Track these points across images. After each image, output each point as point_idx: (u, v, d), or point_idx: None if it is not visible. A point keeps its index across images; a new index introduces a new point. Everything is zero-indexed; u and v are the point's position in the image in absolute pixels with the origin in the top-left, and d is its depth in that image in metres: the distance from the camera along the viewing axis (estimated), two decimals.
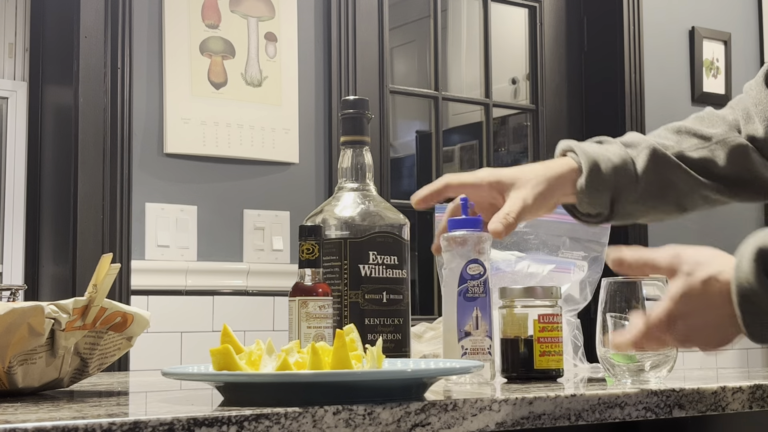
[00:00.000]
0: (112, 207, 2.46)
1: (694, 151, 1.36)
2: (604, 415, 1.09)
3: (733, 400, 1.19)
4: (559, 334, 1.32)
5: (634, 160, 1.33)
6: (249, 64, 2.68)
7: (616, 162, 1.32)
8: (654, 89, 3.38)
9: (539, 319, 1.31)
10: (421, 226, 3.55)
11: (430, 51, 3.23)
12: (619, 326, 1.23)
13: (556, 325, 1.32)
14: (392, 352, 1.31)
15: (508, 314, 1.33)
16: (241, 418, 0.86)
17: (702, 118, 1.42)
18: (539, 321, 1.31)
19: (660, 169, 1.34)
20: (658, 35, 3.41)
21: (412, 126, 4.23)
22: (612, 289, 1.23)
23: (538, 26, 3.37)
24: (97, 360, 1.19)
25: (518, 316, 1.32)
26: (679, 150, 1.36)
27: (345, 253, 1.33)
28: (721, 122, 1.40)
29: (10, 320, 1.05)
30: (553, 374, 1.32)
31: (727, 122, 1.40)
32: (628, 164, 1.33)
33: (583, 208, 1.34)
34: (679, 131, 1.39)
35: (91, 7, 2.49)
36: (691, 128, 1.39)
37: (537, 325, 1.31)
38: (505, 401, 1.02)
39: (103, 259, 1.12)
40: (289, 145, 2.73)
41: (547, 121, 3.34)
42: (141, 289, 2.49)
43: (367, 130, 1.41)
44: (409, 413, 0.95)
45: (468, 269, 1.27)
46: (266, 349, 1.02)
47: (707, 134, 1.38)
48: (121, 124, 2.49)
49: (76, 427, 0.79)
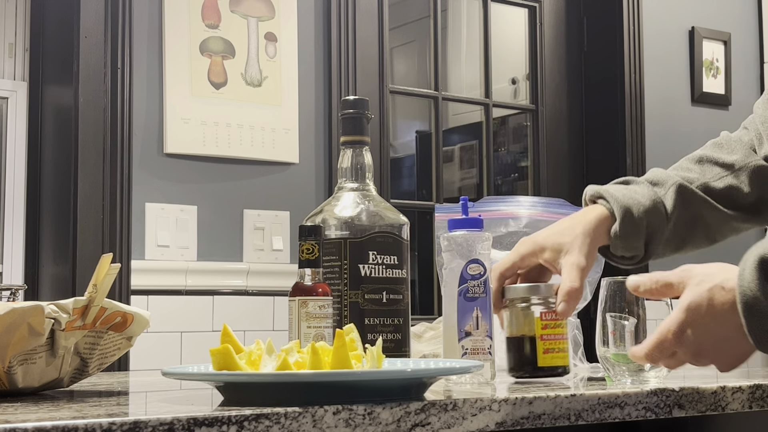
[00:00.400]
0: (112, 207, 2.46)
1: (719, 181, 1.39)
2: (604, 415, 1.09)
3: (732, 400, 1.19)
4: (563, 331, 1.32)
5: (663, 200, 1.36)
6: (249, 64, 2.68)
7: (647, 205, 1.34)
8: (654, 89, 3.38)
9: (541, 316, 1.31)
10: (421, 226, 3.55)
11: (430, 51, 3.23)
12: (619, 326, 1.23)
13: (559, 322, 1.31)
14: (392, 352, 1.31)
15: (512, 313, 1.32)
16: (241, 418, 0.86)
17: (720, 144, 1.44)
18: (542, 318, 1.31)
19: (688, 206, 1.38)
20: (658, 35, 3.41)
21: (412, 126, 4.23)
22: (612, 288, 1.23)
23: (538, 26, 3.37)
24: (97, 360, 1.19)
25: (522, 315, 1.31)
26: (704, 182, 1.38)
27: (345, 253, 1.33)
28: (739, 146, 1.42)
29: (10, 320, 1.05)
30: (560, 371, 1.31)
31: (744, 144, 1.42)
32: (658, 205, 1.35)
33: (617, 252, 1.37)
34: (701, 161, 1.42)
35: (91, 7, 2.49)
36: (712, 157, 1.42)
37: (539, 323, 1.31)
38: (505, 401, 1.02)
39: (103, 259, 1.12)
40: (289, 145, 2.73)
41: (546, 121, 3.34)
42: (141, 289, 2.49)
43: (367, 130, 1.41)
44: (409, 413, 0.95)
45: (468, 269, 1.27)
46: (266, 349, 1.02)
47: (728, 161, 1.41)
48: (121, 124, 2.49)
49: (76, 427, 0.79)
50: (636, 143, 3.27)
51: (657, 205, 1.35)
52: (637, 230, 1.34)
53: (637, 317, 1.22)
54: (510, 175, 3.63)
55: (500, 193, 3.52)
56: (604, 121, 3.33)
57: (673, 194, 1.37)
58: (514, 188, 3.56)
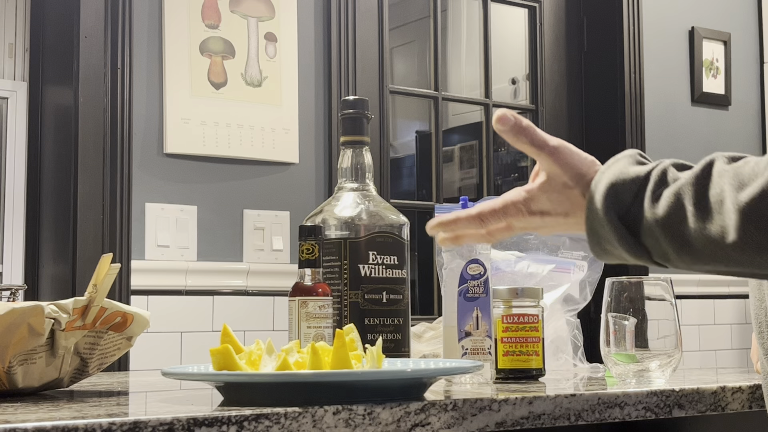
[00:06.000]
0: (112, 207, 2.46)
1: None
2: (604, 415, 1.09)
3: (732, 400, 1.19)
4: (530, 334, 1.32)
5: None
6: (249, 64, 2.68)
7: None
8: (654, 89, 3.38)
9: (503, 319, 1.32)
10: (421, 226, 3.55)
11: (430, 51, 3.23)
12: (620, 326, 1.23)
13: (523, 325, 1.32)
14: (392, 352, 1.32)
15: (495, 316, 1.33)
16: (241, 418, 0.86)
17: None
18: (503, 321, 1.32)
19: None
20: (658, 35, 3.41)
21: (412, 126, 4.23)
22: (616, 289, 1.23)
23: (537, 26, 3.37)
24: (97, 360, 1.19)
25: (495, 318, 1.32)
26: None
27: (345, 253, 1.33)
28: None
29: (10, 320, 1.05)
30: (522, 375, 1.32)
31: None
32: None
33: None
34: None
35: (91, 7, 2.49)
36: None
37: (500, 326, 1.32)
38: (505, 401, 1.02)
39: (103, 259, 1.12)
40: (289, 145, 2.73)
41: (546, 121, 3.34)
42: (141, 289, 2.49)
43: (366, 130, 1.41)
44: (409, 413, 0.95)
45: (468, 269, 1.27)
46: (266, 349, 1.02)
47: None
48: (121, 124, 2.49)
49: (76, 427, 0.79)
50: (636, 143, 3.27)
51: None
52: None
53: (642, 317, 1.22)
54: (510, 175, 3.63)
55: (500, 193, 3.49)
56: (604, 121, 3.33)
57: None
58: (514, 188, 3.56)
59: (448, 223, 1.10)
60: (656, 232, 0.94)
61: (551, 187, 1.05)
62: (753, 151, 3.59)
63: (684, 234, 0.93)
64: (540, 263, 1.67)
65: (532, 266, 1.67)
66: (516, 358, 1.32)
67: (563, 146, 1.06)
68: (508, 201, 1.08)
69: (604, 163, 1.04)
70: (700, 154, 0.98)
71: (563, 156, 1.05)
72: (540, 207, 1.06)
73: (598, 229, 0.98)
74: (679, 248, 0.94)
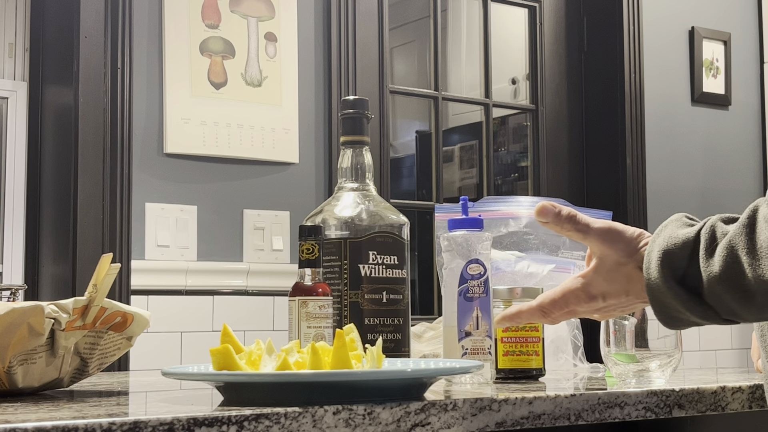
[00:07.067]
0: (112, 207, 2.46)
1: None
2: (604, 415, 1.09)
3: (732, 400, 1.19)
4: (530, 333, 1.33)
5: None
6: (249, 64, 2.68)
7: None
8: (654, 89, 3.38)
9: None
10: (421, 226, 3.55)
11: (430, 51, 3.23)
12: (620, 326, 1.23)
13: (523, 325, 1.32)
14: (392, 352, 1.32)
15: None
16: (241, 418, 0.86)
17: None
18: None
19: None
20: (658, 35, 3.41)
21: (412, 126, 4.22)
22: None
23: (537, 26, 3.37)
24: (97, 360, 1.19)
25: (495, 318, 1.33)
26: None
27: (345, 253, 1.33)
28: None
29: (10, 320, 1.05)
30: (522, 374, 1.32)
31: None
32: None
33: None
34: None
35: (91, 7, 2.49)
36: None
37: None
38: (505, 401, 1.02)
39: (103, 259, 1.12)
40: (289, 145, 2.73)
41: (547, 121, 3.34)
42: (141, 289, 2.49)
43: (366, 130, 1.41)
44: (409, 413, 0.95)
45: (468, 269, 1.27)
46: (266, 349, 1.02)
47: None
48: (121, 124, 2.49)
49: (76, 427, 0.79)
50: (636, 143, 3.27)
51: None
52: None
53: (642, 317, 1.22)
54: (510, 175, 3.63)
55: (500, 193, 3.52)
56: (604, 121, 3.33)
57: None
58: (514, 188, 3.56)
59: (512, 317, 1.13)
60: (717, 289, 0.94)
61: (605, 268, 1.06)
62: (753, 151, 3.60)
63: (743, 285, 0.92)
64: (540, 263, 1.67)
65: (532, 266, 1.67)
66: (516, 358, 1.32)
67: (608, 226, 1.07)
68: (566, 290, 1.09)
69: (651, 230, 1.04)
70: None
71: (610, 235, 1.06)
72: (599, 290, 1.07)
73: (661, 298, 0.99)
74: (743, 301, 0.93)
